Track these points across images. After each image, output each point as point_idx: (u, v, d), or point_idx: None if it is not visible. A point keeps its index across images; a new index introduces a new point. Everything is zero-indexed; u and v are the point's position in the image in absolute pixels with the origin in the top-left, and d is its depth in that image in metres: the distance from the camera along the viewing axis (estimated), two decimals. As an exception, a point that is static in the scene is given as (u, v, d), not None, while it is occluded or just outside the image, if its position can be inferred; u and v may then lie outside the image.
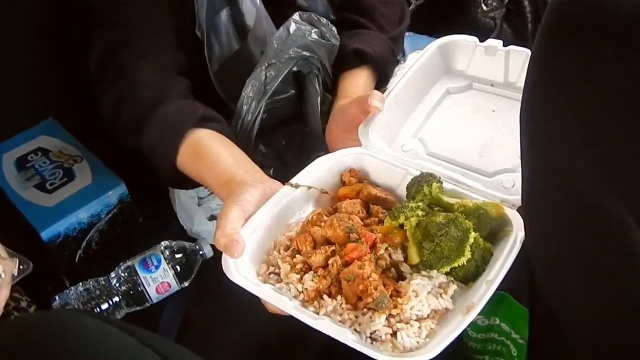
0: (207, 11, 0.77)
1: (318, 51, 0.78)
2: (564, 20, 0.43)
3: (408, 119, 0.73)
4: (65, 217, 0.83)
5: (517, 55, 0.72)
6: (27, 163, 0.90)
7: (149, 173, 0.90)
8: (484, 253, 0.55)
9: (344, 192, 0.64)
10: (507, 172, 0.63)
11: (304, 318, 0.52)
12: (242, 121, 0.76)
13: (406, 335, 0.49)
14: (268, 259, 0.59)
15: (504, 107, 0.71)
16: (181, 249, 0.84)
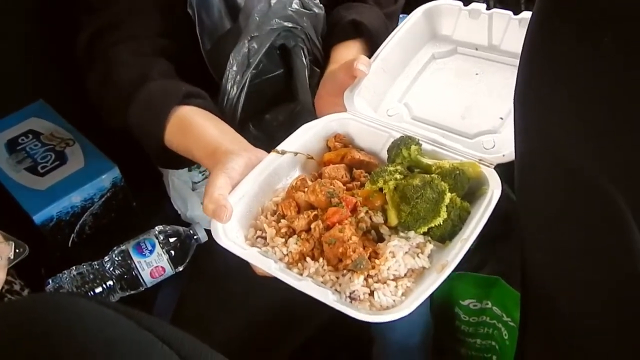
0: None
1: (301, 21, 0.81)
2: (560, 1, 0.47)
3: (394, 84, 0.77)
4: (57, 201, 0.86)
5: (500, 18, 0.76)
6: (17, 146, 0.94)
7: (142, 157, 0.92)
8: (460, 212, 0.60)
9: (329, 157, 0.69)
10: (488, 134, 0.68)
11: (287, 280, 0.56)
12: (228, 96, 0.80)
13: (383, 295, 0.55)
14: (256, 223, 0.64)
15: (487, 70, 0.76)
16: (175, 233, 0.88)
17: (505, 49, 0.76)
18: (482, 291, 0.98)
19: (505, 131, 0.68)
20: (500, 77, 0.74)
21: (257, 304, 0.86)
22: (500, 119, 0.69)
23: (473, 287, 0.99)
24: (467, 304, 0.98)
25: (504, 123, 0.69)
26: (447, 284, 1.03)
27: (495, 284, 0.97)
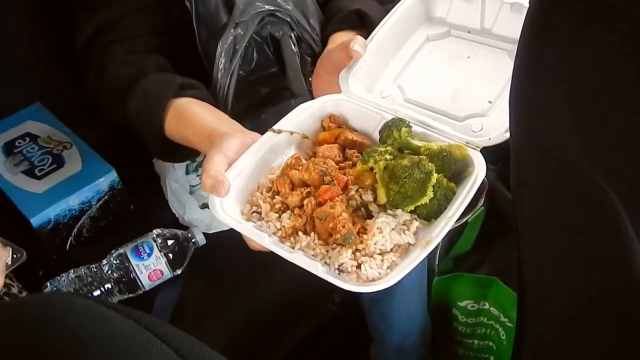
0: None
1: (285, 4, 0.86)
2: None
3: (388, 65, 0.82)
4: (55, 204, 0.89)
5: (492, 2, 0.80)
6: (15, 148, 0.97)
7: (140, 160, 0.98)
8: (446, 192, 0.64)
9: (323, 136, 0.73)
10: (477, 117, 0.73)
11: (280, 252, 0.61)
12: (219, 85, 0.85)
13: (369, 267, 0.60)
14: (251, 199, 0.69)
15: (478, 53, 0.80)
16: (173, 236, 0.91)
17: (497, 32, 0.81)
18: (479, 292, 1.03)
19: (494, 115, 0.73)
20: (491, 61, 0.79)
21: (255, 306, 0.91)
22: (489, 103, 0.74)
23: (470, 288, 1.04)
24: (465, 304, 1.03)
25: (492, 107, 0.74)
26: (444, 284, 1.06)
27: (492, 285, 1.01)
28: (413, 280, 0.97)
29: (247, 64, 0.90)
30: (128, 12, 0.85)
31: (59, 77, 1.01)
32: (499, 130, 0.70)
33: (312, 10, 0.91)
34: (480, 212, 1.03)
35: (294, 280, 0.92)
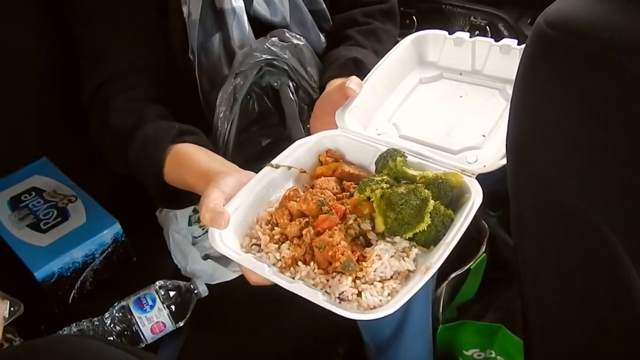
0: (198, 36, 0.90)
1: (281, 54, 0.90)
2: (547, 45, 0.52)
3: (383, 105, 0.86)
4: (59, 257, 0.91)
5: (482, 45, 0.86)
6: (20, 203, 1.00)
7: (143, 212, 1.00)
8: (444, 219, 0.64)
9: (320, 170, 0.75)
10: (471, 149, 0.75)
11: (280, 282, 0.61)
12: (219, 133, 0.89)
13: (370, 295, 0.60)
14: (251, 232, 0.70)
15: (471, 92, 0.84)
16: (176, 288, 0.91)
17: (488, 73, 0.85)
18: (485, 340, 1.03)
19: (487, 147, 0.76)
20: (483, 99, 0.83)
21: (257, 357, 0.91)
22: (483, 136, 0.77)
23: (476, 336, 1.04)
24: (471, 353, 1.04)
25: (486, 139, 0.76)
26: (449, 333, 1.06)
27: (497, 332, 1.02)
28: (418, 329, 0.96)
29: (248, 114, 0.94)
30: (133, 67, 0.90)
31: (65, 131, 1.04)
32: (493, 158, 0.72)
33: (309, 58, 0.95)
34: (482, 258, 1.04)
35: (297, 332, 0.92)
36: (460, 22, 0.91)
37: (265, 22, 0.95)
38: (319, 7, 1.02)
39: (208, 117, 0.93)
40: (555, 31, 0.51)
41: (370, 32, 1.00)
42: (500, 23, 1.19)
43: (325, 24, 1.04)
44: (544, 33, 0.52)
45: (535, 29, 0.53)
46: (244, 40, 0.92)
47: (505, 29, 1.17)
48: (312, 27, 1.00)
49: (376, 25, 1.01)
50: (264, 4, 0.94)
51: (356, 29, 1.00)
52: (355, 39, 0.98)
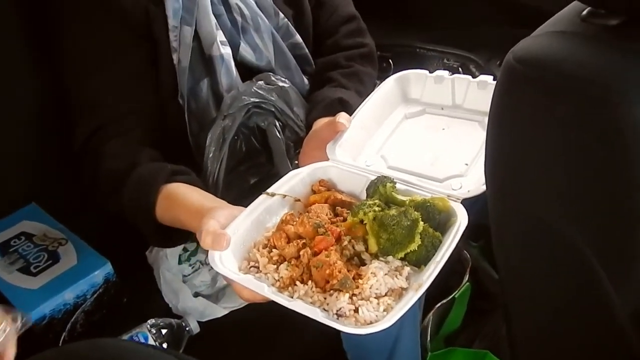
0: (188, 82, 0.94)
1: (268, 96, 0.96)
2: (516, 78, 0.58)
3: (370, 139, 0.92)
4: (51, 299, 0.92)
5: (461, 81, 0.93)
6: (10, 248, 1.01)
7: (134, 252, 1.01)
8: (433, 240, 0.68)
9: (314, 199, 0.80)
10: (455, 177, 0.81)
11: (280, 300, 0.64)
12: (209, 172, 0.93)
13: (366, 310, 0.63)
14: (248, 256, 0.73)
15: (452, 125, 0.91)
16: (168, 325, 0.93)
17: (467, 107, 0.92)
18: None
19: (471, 174, 0.81)
20: (464, 130, 0.89)
21: None
22: (466, 165, 0.83)
23: None
24: None
25: (469, 168, 0.82)
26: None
27: (484, 358, 1.05)
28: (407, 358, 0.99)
29: (236, 154, 0.98)
30: (125, 113, 0.94)
31: (55, 176, 1.07)
32: (477, 184, 0.78)
33: (295, 99, 1.01)
34: (466, 288, 1.08)
35: None
36: (434, 64, 1.01)
37: (252, 67, 1.01)
38: (303, 52, 1.08)
39: (197, 158, 0.97)
40: (524, 66, 0.57)
41: (352, 75, 1.07)
42: (471, 64, 1.29)
43: (309, 67, 1.10)
44: (513, 68, 0.58)
45: (505, 64, 0.59)
46: (232, 84, 0.97)
47: (476, 70, 1.26)
48: (295, 71, 1.06)
49: (357, 68, 1.08)
50: (250, 50, 0.99)
51: (339, 71, 1.07)
52: (339, 81, 1.05)
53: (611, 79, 0.55)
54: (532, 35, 0.61)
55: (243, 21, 0.98)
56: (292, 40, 1.06)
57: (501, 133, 0.63)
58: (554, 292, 0.66)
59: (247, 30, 0.99)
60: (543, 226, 0.62)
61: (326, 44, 1.13)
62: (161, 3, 0.92)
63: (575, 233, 0.60)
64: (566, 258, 0.62)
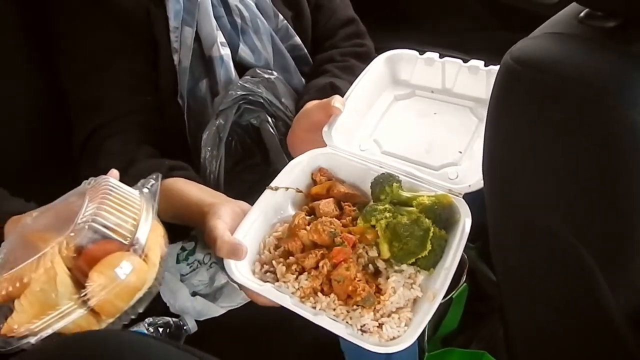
0: (188, 82, 0.94)
1: (256, 89, 0.95)
2: (514, 78, 0.58)
3: (362, 122, 0.91)
4: None
5: (451, 65, 0.92)
6: None
7: None
8: (440, 241, 0.71)
9: (316, 190, 0.80)
10: (451, 166, 0.82)
11: (304, 314, 0.66)
12: (207, 172, 0.93)
13: (390, 327, 0.66)
14: (260, 258, 0.74)
15: (443, 110, 0.91)
16: (165, 324, 0.92)
17: (457, 92, 0.92)
18: None
19: (465, 164, 0.82)
20: (456, 117, 0.90)
21: None
22: (459, 153, 0.84)
23: None
24: None
25: (463, 156, 0.83)
26: None
27: (481, 359, 1.05)
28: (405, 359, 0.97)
29: (232, 155, 0.98)
30: (124, 114, 0.92)
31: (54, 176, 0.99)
32: (475, 177, 0.79)
33: (283, 90, 1.00)
34: (463, 288, 1.06)
35: None
36: None
37: (250, 68, 1.00)
38: (302, 53, 1.07)
39: (195, 158, 0.97)
40: (521, 66, 0.58)
41: (347, 68, 1.06)
42: None
43: (307, 68, 1.09)
44: (511, 68, 0.58)
45: (503, 65, 0.59)
46: (230, 85, 0.96)
47: None
48: (294, 72, 1.05)
49: (352, 63, 1.07)
50: (249, 51, 0.99)
51: (333, 64, 1.06)
52: (333, 71, 1.04)
53: (608, 82, 0.55)
54: (530, 36, 0.61)
55: (242, 23, 0.98)
56: (291, 41, 1.06)
57: (498, 134, 0.63)
58: (552, 293, 0.68)
59: (246, 31, 0.99)
60: (541, 228, 0.64)
61: (324, 46, 1.12)
62: (162, 4, 0.91)
63: (572, 235, 0.61)
64: (564, 259, 0.63)
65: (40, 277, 0.56)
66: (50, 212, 0.65)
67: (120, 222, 0.60)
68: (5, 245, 0.64)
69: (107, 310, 0.58)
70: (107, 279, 0.57)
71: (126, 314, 0.60)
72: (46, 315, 0.56)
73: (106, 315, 0.58)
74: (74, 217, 0.60)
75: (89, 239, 0.59)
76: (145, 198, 0.66)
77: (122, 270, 0.58)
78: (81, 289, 0.57)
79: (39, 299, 0.56)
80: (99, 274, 0.57)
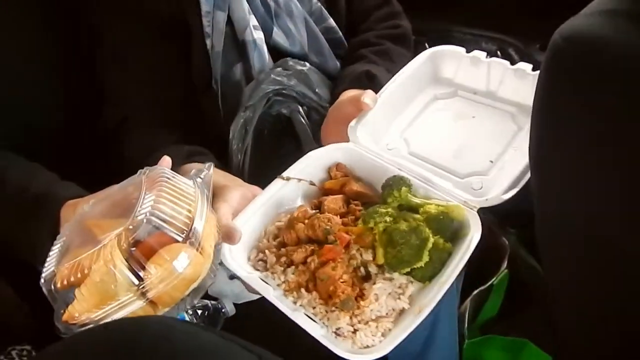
0: (221, 66, 0.95)
1: (288, 81, 0.95)
2: (563, 58, 0.55)
3: (396, 119, 0.90)
4: None
5: (497, 67, 0.89)
6: None
7: None
8: (441, 254, 0.68)
9: (329, 185, 0.79)
10: (477, 175, 0.79)
11: (283, 308, 0.66)
12: (233, 164, 0.95)
13: (364, 335, 0.64)
14: (259, 245, 0.74)
15: (483, 114, 0.88)
16: (204, 307, 0.96)
17: (501, 95, 0.89)
18: (511, 355, 1.05)
19: (494, 174, 0.79)
20: (495, 122, 0.86)
21: None
22: (490, 162, 0.81)
23: (501, 352, 1.06)
24: None
25: (493, 166, 0.80)
26: (475, 349, 1.07)
27: (524, 348, 1.04)
28: (445, 347, 1.00)
29: (263, 145, 0.99)
30: (153, 103, 0.96)
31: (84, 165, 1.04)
32: (497, 191, 0.76)
33: (317, 80, 1.00)
34: (504, 275, 1.07)
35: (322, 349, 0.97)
36: (471, 48, 1.02)
37: (284, 52, 1.00)
38: (336, 36, 1.06)
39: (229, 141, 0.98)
40: (571, 45, 0.55)
41: (383, 52, 1.04)
42: (510, 48, 1.24)
43: (342, 51, 1.08)
44: (560, 47, 0.55)
45: (552, 44, 0.56)
46: (264, 69, 0.97)
47: (515, 54, 1.21)
48: (329, 55, 1.04)
49: (388, 46, 1.05)
50: (283, 35, 0.99)
51: (369, 49, 1.05)
52: (369, 57, 1.03)
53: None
54: (582, 13, 0.57)
55: (276, 6, 0.97)
56: (325, 24, 1.05)
57: (545, 118, 0.60)
58: (601, 285, 0.65)
59: (279, 15, 0.98)
60: (588, 217, 0.61)
61: (359, 29, 1.10)
62: None
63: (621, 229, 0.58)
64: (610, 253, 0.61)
65: (100, 269, 0.58)
66: (108, 200, 0.68)
67: (176, 214, 0.62)
68: (64, 231, 0.68)
69: (164, 301, 0.60)
70: (165, 271, 0.59)
71: (181, 303, 0.62)
72: (106, 305, 0.58)
73: (163, 306, 0.61)
74: (130, 207, 0.62)
75: (146, 232, 0.61)
76: (199, 188, 0.68)
77: (180, 263, 0.59)
78: (139, 281, 0.59)
79: (99, 290, 0.58)
80: (158, 266, 0.59)
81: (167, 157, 0.74)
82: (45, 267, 0.64)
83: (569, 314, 0.71)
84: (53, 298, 0.62)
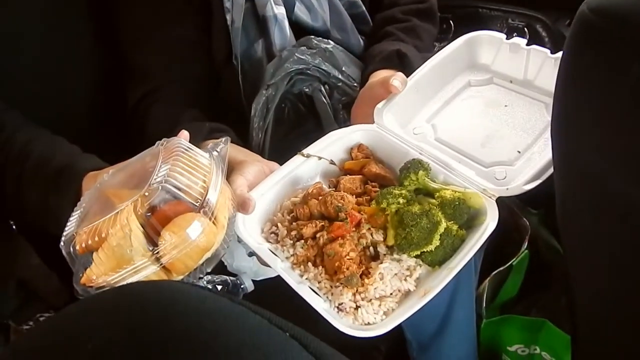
0: (241, 43, 0.95)
1: (312, 60, 0.95)
2: (589, 31, 0.55)
3: (425, 105, 0.90)
4: None
5: (537, 55, 0.87)
6: None
7: None
8: (454, 241, 0.68)
9: (349, 165, 0.80)
10: (502, 165, 0.79)
11: (289, 280, 0.68)
12: (254, 143, 0.96)
13: (366, 312, 0.66)
14: (273, 219, 0.76)
15: (516, 103, 0.87)
16: (223, 283, 0.99)
17: (538, 85, 0.87)
18: (530, 335, 1.05)
19: (520, 165, 0.78)
20: (527, 112, 0.85)
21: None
22: (518, 152, 0.80)
23: (520, 331, 1.06)
24: (515, 349, 1.08)
25: (520, 157, 0.79)
26: (493, 328, 1.08)
27: (542, 327, 1.04)
28: (462, 326, 1.02)
29: (284, 122, 1.00)
30: (174, 79, 0.98)
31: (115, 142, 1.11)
32: (519, 181, 0.75)
33: (343, 58, 1.00)
34: (524, 255, 1.06)
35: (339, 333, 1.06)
36: (498, 25, 0.95)
37: (307, 28, 0.99)
38: (359, 11, 1.06)
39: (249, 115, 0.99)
40: (598, 17, 0.54)
41: (410, 29, 1.03)
42: (538, 24, 1.21)
43: (365, 27, 1.07)
44: (587, 19, 0.55)
45: (579, 16, 0.55)
46: (286, 46, 0.97)
47: (543, 30, 1.18)
48: (352, 31, 1.04)
49: (415, 23, 1.04)
50: (305, 10, 0.99)
51: (395, 26, 1.04)
52: (397, 35, 1.02)
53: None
54: None
55: None
56: None
57: (569, 92, 0.60)
58: (620, 260, 0.64)
59: None
60: (612, 193, 0.60)
61: (384, 4, 1.10)
62: None
63: None
64: (635, 225, 0.60)
65: (116, 233, 0.60)
66: (126, 170, 0.72)
67: (191, 183, 0.65)
68: (84, 199, 0.71)
69: (177, 268, 0.63)
70: (179, 238, 0.61)
71: (195, 272, 0.65)
72: (122, 269, 0.61)
73: (177, 273, 0.64)
74: (147, 177, 0.64)
75: (161, 199, 0.63)
76: (215, 161, 0.70)
77: (193, 231, 0.62)
78: (154, 247, 0.61)
79: (115, 254, 0.61)
80: (172, 233, 0.61)
81: (185, 131, 0.76)
82: (65, 231, 0.67)
83: (587, 294, 0.71)
84: (72, 260, 0.65)
